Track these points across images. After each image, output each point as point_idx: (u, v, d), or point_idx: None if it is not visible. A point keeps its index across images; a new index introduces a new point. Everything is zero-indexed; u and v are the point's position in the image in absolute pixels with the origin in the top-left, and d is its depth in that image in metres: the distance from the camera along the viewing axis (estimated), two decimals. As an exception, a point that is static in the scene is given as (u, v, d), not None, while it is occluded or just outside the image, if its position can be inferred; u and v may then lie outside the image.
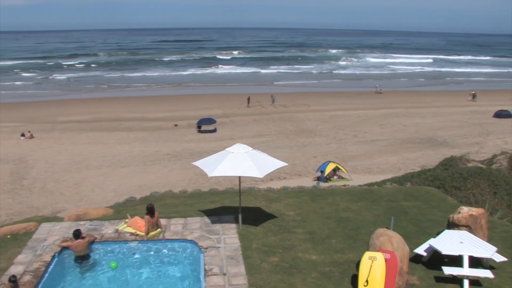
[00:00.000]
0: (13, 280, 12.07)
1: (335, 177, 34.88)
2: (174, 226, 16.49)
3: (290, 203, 19.16)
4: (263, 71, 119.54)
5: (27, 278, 13.39)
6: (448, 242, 13.34)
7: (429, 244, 13.83)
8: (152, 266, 14.74)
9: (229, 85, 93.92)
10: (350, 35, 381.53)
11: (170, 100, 75.62)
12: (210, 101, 71.72)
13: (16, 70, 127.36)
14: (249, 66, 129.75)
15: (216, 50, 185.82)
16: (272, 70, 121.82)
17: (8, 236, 17.58)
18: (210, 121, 51.95)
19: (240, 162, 14.81)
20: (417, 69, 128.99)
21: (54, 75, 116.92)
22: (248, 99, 68.40)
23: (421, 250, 14.00)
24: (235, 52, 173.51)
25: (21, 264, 14.30)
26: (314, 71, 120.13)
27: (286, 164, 16.16)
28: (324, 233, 16.02)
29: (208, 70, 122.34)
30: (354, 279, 12.73)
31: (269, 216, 17.38)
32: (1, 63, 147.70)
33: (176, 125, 55.48)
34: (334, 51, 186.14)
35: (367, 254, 12.03)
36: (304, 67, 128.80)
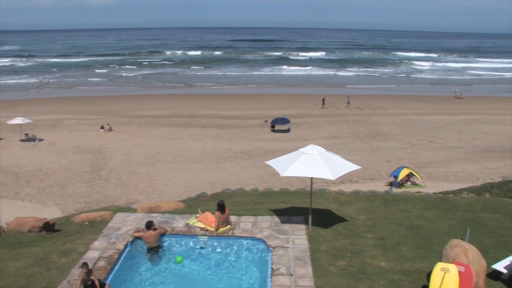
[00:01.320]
0: (85, 266, 12.60)
1: (408, 183, 33.94)
2: (244, 223, 16.59)
3: (361, 207, 18.82)
4: (339, 72, 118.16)
5: (101, 263, 13.94)
6: (533, 261, 12.47)
7: (510, 261, 12.99)
8: (219, 262, 14.88)
9: (305, 86, 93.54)
10: (432, 38, 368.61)
11: (245, 98, 76.35)
12: (284, 101, 71.72)
13: (98, 66, 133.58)
14: (325, 67, 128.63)
15: (292, 50, 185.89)
16: (348, 72, 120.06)
17: (86, 223, 18.42)
18: (284, 120, 51.85)
19: (312, 163, 14.67)
20: (507, 74, 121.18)
21: (133, 71, 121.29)
22: (323, 100, 67.87)
23: (500, 266, 13.14)
24: (312, 53, 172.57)
25: (96, 250, 14.91)
26: (391, 74, 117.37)
27: (359, 167, 15.85)
28: (395, 240, 15.58)
29: (284, 71, 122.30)
30: (425, 289, 12.33)
31: (339, 219, 17.13)
32: (85, 59, 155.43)
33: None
34: (413, 54, 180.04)
35: (440, 265, 11.58)
36: (382, 70, 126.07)
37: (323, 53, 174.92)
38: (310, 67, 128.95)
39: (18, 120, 49.33)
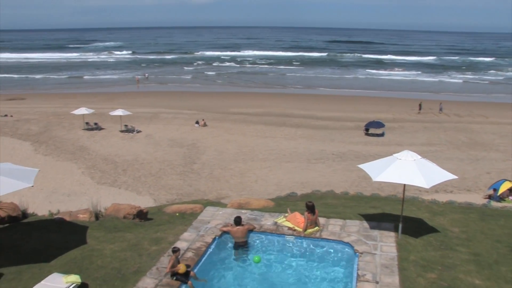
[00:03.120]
0: (176, 250, 13.13)
1: (510, 197, 32.01)
2: (332, 226, 16.41)
3: (455, 218, 17.98)
4: (438, 77, 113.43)
5: (189, 254, 14.34)
6: None
7: None
8: (304, 263, 14.82)
9: (401, 90, 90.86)
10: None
11: (339, 100, 75.53)
12: (379, 105, 70.20)
13: (196, 63, 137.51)
14: (424, 72, 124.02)
15: (390, 53, 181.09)
16: (449, 77, 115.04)
17: (177, 214, 19.01)
18: (378, 124, 50.73)
19: (406, 170, 14.22)
20: None
21: (228, 69, 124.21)
22: (420, 105, 65.70)
23: None
24: (410, 57, 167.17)
25: (185, 241, 15.36)
26: (497, 81, 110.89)
27: (456, 177, 15.10)
28: (492, 257, 14.63)
29: (380, 74, 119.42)
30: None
31: (431, 230, 16.47)
32: (183, 55, 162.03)
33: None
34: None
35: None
36: (486, 77, 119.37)
37: (423, 57, 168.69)
38: (408, 71, 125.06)
39: (119, 112, 51.94)
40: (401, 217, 15.52)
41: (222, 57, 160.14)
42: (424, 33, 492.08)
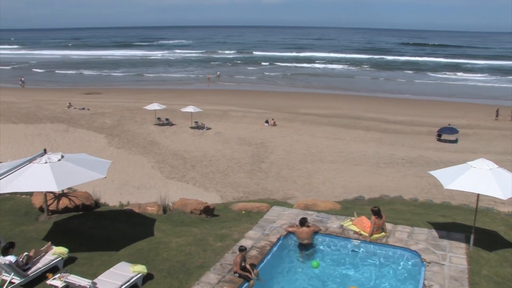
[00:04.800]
0: (243, 249, 13.18)
1: None
2: (399, 233, 15.99)
3: (535, 234, 17.04)
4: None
5: (253, 253, 14.40)
6: None
7: None
8: (368, 269, 14.58)
9: (479, 96, 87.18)
10: None
11: (411, 103, 73.58)
12: (453, 110, 67.77)
13: (268, 62, 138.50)
14: (503, 76, 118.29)
15: (468, 56, 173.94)
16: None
17: (243, 212, 19.17)
18: (452, 130, 49.02)
19: (481, 179, 13.61)
20: None
21: (300, 69, 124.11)
22: (497, 111, 62.86)
23: None
24: (489, 61, 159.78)
25: (250, 239, 15.43)
26: None
27: (538, 189, 14.29)
28: None
29: (455, 79, 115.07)
30: None
31: (507, 244, 15.66)
32: (252, 54, 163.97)
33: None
34: None
35: None
36: None
37: (502, 60, 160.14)
38: (489, 76, 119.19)
39: (190, 109, 52.98)
40: (473, 228, 14.90)
41: (292, 57, 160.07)
42: (506, 35, 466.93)
